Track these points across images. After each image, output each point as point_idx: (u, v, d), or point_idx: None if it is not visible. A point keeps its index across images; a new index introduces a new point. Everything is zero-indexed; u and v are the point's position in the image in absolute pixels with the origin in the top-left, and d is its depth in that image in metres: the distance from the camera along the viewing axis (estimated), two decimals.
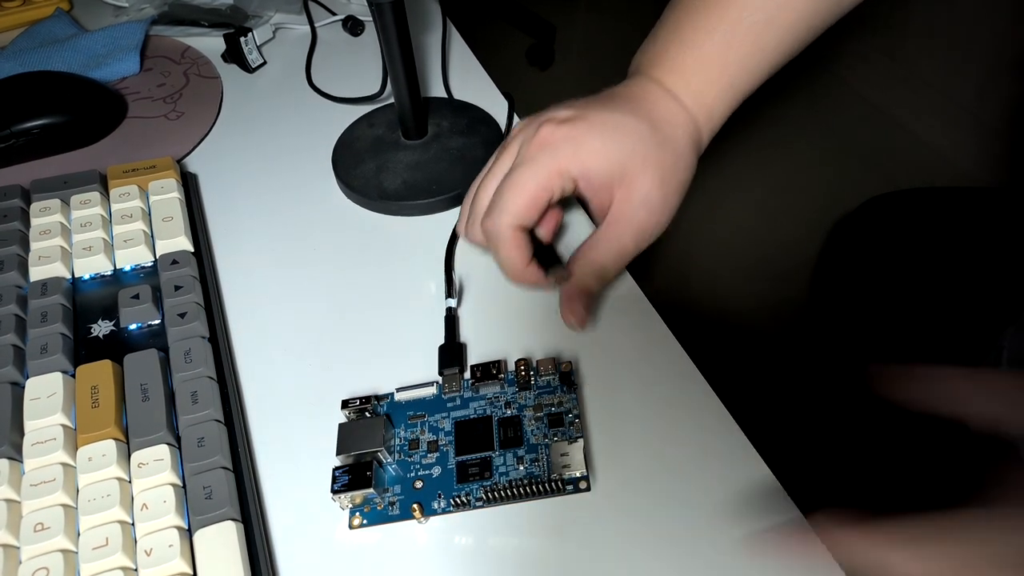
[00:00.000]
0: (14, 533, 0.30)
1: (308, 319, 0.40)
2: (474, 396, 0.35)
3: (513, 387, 0.35)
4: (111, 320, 0.39)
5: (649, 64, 0.37)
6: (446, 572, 0.30)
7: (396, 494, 0.32)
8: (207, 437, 0.33)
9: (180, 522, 0.30)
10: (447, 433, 0.33)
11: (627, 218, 0.35)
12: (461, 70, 0.57)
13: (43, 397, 0.34)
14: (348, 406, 0.34)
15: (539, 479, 0.31)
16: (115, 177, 0.45)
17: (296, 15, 0.63)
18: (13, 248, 0.41)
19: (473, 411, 0.34)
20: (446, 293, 0.39)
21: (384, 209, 0.46)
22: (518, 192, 0.34)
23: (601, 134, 0.34)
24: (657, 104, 0.36)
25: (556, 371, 0.35)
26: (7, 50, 0.60)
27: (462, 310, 0.39)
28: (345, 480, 0.31)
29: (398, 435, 0.34)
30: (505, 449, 0.32)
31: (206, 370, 0.35)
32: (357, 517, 0.32)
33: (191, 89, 0.57)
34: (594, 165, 0.34)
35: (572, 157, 0.34)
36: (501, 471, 0.32)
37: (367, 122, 0.51)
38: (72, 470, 0.32)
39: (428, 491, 0.32)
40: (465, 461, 0.32)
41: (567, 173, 0.34)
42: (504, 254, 0.35)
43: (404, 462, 0.33)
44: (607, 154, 0.34)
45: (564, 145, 0.34)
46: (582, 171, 0.34)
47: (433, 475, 0.32)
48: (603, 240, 0.35)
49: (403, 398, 0.35)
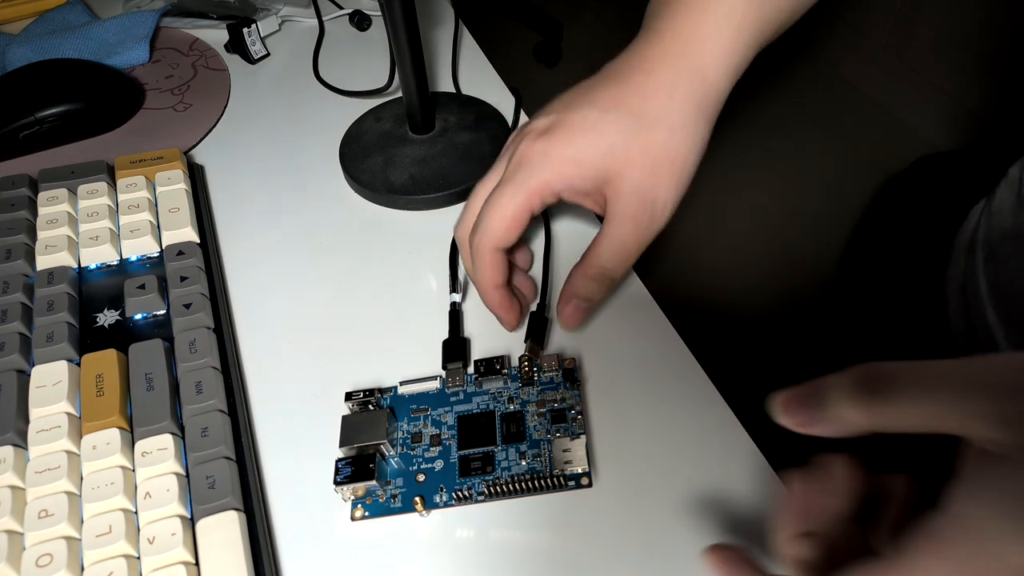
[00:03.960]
0: (18, 520, 0.30)
1: (313, 311, 0.40)
2: (477, 391, 0.35)
3: (516, 383, 0.35)
4: (117, 310, 0.39)
5: (662, 5, 0.35)
6: (447, 565, 0.30)
7: (398, 487, 0.32)
8: (211, 427, 0.33)
9: (183, 511, 0.30)
10: (450, 427, 0.34)
11: (620, 214, 0.34)
12: (469, 66, 0.57)
13: (48, 385, 0.34)
14: (352, 398, 0.34)
15: (541, 474, 0.31)
16: (122, 168, 0.45)
17: (304, 8, 0.63)
18: (20, 237, 0.41)
19: (476, 406, 0.34)
20: (450, 288, 0.39)
21: (391, 203, 0.46)
22: (497, 216, 0.34)
23: (576, 140, 0.33)
24: (650, 78, 0.34)
25: (559, 367, 0.35)
26: (21, 36, 0.60)
27: (466, 305, 0.39)
28: (348, 472, 0.31)
29: (401, 428, 0.34)
30: (507, 444, 0.32)
31: (210, 360, 0.35)
32: (359, 509, 0.32)
33: (199, 81, 0.57)
34: (573, 174, 0.33)
35: (549, 172, 0.33)
36: (503, 466, 0.32)
37: (374, 116, 0.51)
38: (76, 458, 0.32)
39: (430, 484, 0.32)
40: (468, 455, 0.32)
41: (547, 188, 0.33)
42: (479, 273, 0.35)
43: (407, 455, 0.33)
44: (585, 159, 0.33)
45: (539, 162, 0.33)
46: (563, 183, 0.33)
47: (435, 469, 0.32)
48: (601, 242, 0.34)
49: (407, 391, 0.35)
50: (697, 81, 0.33)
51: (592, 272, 0.34)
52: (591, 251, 0.35)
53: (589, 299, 0.35)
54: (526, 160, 0.34)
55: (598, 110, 0.33)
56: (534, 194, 0.33)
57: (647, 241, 0.34)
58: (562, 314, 0.35)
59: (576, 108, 0.34)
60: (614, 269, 0.34)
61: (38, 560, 0.28)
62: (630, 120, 0.33)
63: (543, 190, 0.33)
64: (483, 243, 0.34)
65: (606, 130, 0.33)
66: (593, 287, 0.35)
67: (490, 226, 0.34)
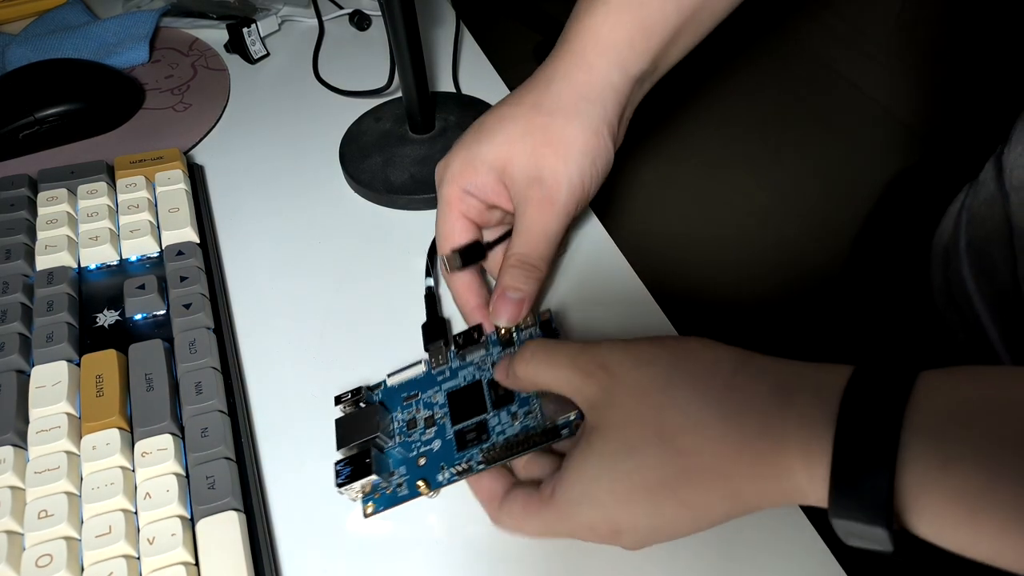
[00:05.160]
0: (18, 520, 0.30)
1: (313, 311, 0.40)
2: (462, 365, 0.35)
3: (497, 347, 0.35)
4: (116, 310, 0.39)
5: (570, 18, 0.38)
6: (447, 565, 0.30)
7: (402, 475, 0.32)
8: (210, 427, 0.33)
9: (183, 511, 0.30)
10: (441, 406, 0.33)
11: (519, 199, 0.35)
12: (469, 65, 0.57)
13: (48, 385, 0.34)
14: (342, 400, 0.34)
15: (535, 430, 0.31)
16: (122, 168, 0.45)
17: (304, 8, 0.63)
18: (20, 237, 0.41)
19: (463, 379, 0.34)
20: (425, 273, 0.40)
21: (390, 203, 0.46)
22: (439, 236, 0.37)
23: (465, 146, 0.36)
24: (544, 73, 0.37)
25: (536, 322, 0.35)
26: (21, 36, 0.60)
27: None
28: (347, 472, 0.31)
29: (396, 419, 0.34)
30: (498, 409, 0.32)
31: (210, 361, 0.35)
32: (370, 505, 0.31)
33: (199, 81, 0.57)
34: (469, 173, 0.36)
35: (455, 179, 0.36)
36: (497, 431, 0.32)
37: (374, 116, 0.51)
38: (76, 458, 0.32)
39: (431, 465, 0.32)
40: (463, 428, 0.32)
41: (459, 195, 0.36)
42: (454, 295, 0.38)
43: (406, 443, 0.33)
44: (476, 158, 0.35)
45: (445, 174, 0.36)
46: (468, 184, 0.36)
47: (434, 449, 0.32)
48: (514, 232, 0.35)
49: (395, 382, 0.35)
50: (582, 72, 0.36)
51: (511, 261, 0.35)
52: (508, 244, 0.36)
53: (516, 288, 0.35)
54: (438, 177, 0.37)
55: (492, 114, 0.37)
56: (453, 204, 0.36)
57: (555, 221, 0.35)
58: (495, 308, 0.35)
59: (490, 111, 0.37)
60: (529, 254, 0.35)
61: (38, 560, 0.28)
62: (514, 108, 0.36)
63: (459, 198, 0.36)
64: (440, 266, 0.37)
65: (495, 126, 0.36)
66: (517, 275, 0.35)
67: (440, 246, 0.37)
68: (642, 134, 0.39)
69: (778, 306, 1.10)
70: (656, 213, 1.31)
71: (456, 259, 0.36)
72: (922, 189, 0.63)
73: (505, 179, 0.35)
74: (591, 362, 0.28)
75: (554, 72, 0.36)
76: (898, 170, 0.67)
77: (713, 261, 1.24)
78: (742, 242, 1.27)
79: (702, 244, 1.28)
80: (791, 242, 1.24)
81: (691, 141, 1.40)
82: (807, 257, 1.20)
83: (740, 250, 1.26)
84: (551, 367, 0.29)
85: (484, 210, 0.37)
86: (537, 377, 0.29)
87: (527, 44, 1.87)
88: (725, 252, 1.26)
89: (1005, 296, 0.41)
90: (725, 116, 0.35)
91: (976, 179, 0.45)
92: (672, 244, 1.26)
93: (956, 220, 0.46)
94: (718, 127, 0.35)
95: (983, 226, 0.43)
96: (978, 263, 0.43)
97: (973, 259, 0.44)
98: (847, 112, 1.57)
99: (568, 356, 0.29)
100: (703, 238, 1.29)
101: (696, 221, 1.29)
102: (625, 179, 0.85)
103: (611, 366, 0.27)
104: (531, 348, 0.30)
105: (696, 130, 1.41)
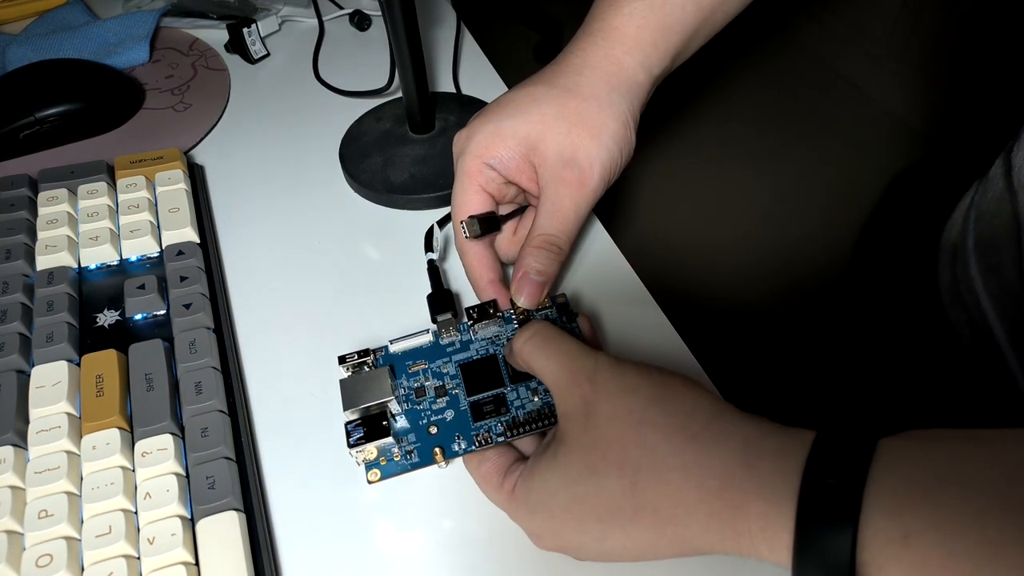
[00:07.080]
0: (18, 520, 0.30)
1: (313, 311, 0.40)
2: (474, 338, 0.35)
3: (512, 324, 0.35)
4: (117, 310, 0.39)
5: (597, 8, 0.39)
6: (448, 561, 0.30)
7: (412, 443, 0.32)
8: (211, 427, 0.33)
9: (183, 511, 0.30)
10: (453, 377, 0.33)
11: (550, 178, 0.35)
12: (469, 65, 0.57)
13: (48, 385, 0.34)
14: (346, 361, 0.33)
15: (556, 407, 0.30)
16: (122, 168, 0.45)
17: (304, 8, 0.63)
18: (20, 237, 0.41)
19: (475, 352, 0.34)
20: (425, 249, 0.39)
21: (391, 203, 0.46)
22: (457, 201, 0.37)
23: (499, 116, 0.36)
24: (575, 60, 0.37)
25: (552, 304, 0.35)
26: (21, 36, 0.60)
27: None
28: (361, 433, 0.30)
29: (401, 385, 0.33)
30: (516, 384, 0.32)
31: (210, 360, 0.35)
32: (374, 472, 0.31)
33: (199, 81, 0.57)
34: (496, 145, 0.36)
35: (477, 150, 0.36)
36: (516, 405, 0.32)
37: (374, 116, 0.51)
38: (76, 458, 0.32)
39: (445, 434, 0.32)
40: (479, 400, 0.32)
41: (483, 168, 0.36)
42: (467, 268, 0.38)
43: (413, 411, 0.32)
44: (505, 131, 0.36)
45: (467, 144, 0.36)
46: (491, 159, 0.36)
47: (447, 419, 0.32)
48: (539, 211, 0.35)
49: (398, 349, 0.34)
50: (614, 65, 0.36)
51: (537, 242, 0.35)
52: (533, 223, 0.36)
53: (540, 271, 0.35)
54: (458, 148, 0.37)
55: (518, 90, 0.37)
56: (473, 176, 0.36)
57: (584, 204, 0.35)
58: (517, 287, 0.35)
59: (517, 88, 0.37)
60: (556, 235, 0.35)
61: (38, 560, 0.28)
62: (546, 89, 0.36)
63: (481, 171, 0.36)
64: (456, 237, 0.37)
65: (523, 103, 0.36)
66: (542, 256, 0.35)
67: (456, 215, 0.37)
68: (644, 135, 0.39)
69: (781, 306, 1.10)
70: (658, 214, 1.31)
71: (475, 224, 0.36)
72: (927, 188, 0.63)
73: (535, 157, 0.36)
74: (582, 370, 0.28)
75: (584, 62, 0.37)
76: (901, 169, 0.67)
77: (715, 262, 1.25)
78: (745, 243, 1.27)
79: (704, 245, 1.28)
80: (794, 242, 1.25)
81: (693, 142, 1.41)
82: (810, 257, 1.20)
83: (743, 251, 1.26)
84: (546, 356, 0.29)
85: (502, 184, 0.37)
86: (530, 359, 0.30)
87: (527, 44, 1.87)
88: (728, 253, 1.26)
89: (1012, 294, 0.41)
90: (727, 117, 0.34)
91: (986, 176, 0.45)
92: (674, 245, 1.26)
93: (965, 217, 0.46)
94: (720, 128, 0.35)
95: (991, 224, 0.43)
96: (986, 261, 0.43)
97: (981, 257, 0.44)
98: (849, 112, 1.57)
99: (565, 354, 0.29)
100: (705, 239, 1.29)
101: (698, 222, 1.29)
102: (627, 180, 0.85)
103: (598, 383, 0.27)
104: (533, 328, 0.30)
105: (698, 131, 1.42)
